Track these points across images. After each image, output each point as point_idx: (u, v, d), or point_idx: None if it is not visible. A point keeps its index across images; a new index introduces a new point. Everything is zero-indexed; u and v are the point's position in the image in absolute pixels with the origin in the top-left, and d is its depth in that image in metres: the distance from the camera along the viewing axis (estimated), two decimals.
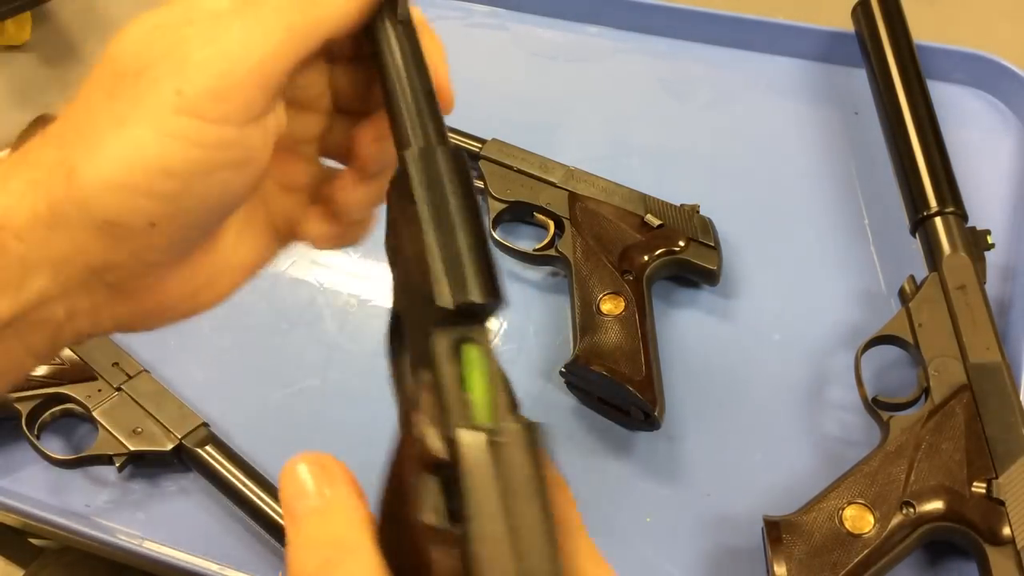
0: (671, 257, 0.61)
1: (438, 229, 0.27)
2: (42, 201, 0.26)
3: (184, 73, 0.26)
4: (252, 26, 0.27)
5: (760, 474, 0.56)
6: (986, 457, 0.50)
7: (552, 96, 0.76)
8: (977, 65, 0.70)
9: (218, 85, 0.26)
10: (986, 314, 0.54)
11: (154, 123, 0.26)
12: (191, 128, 0.26)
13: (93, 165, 0.26)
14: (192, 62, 0.26)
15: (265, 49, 0.27)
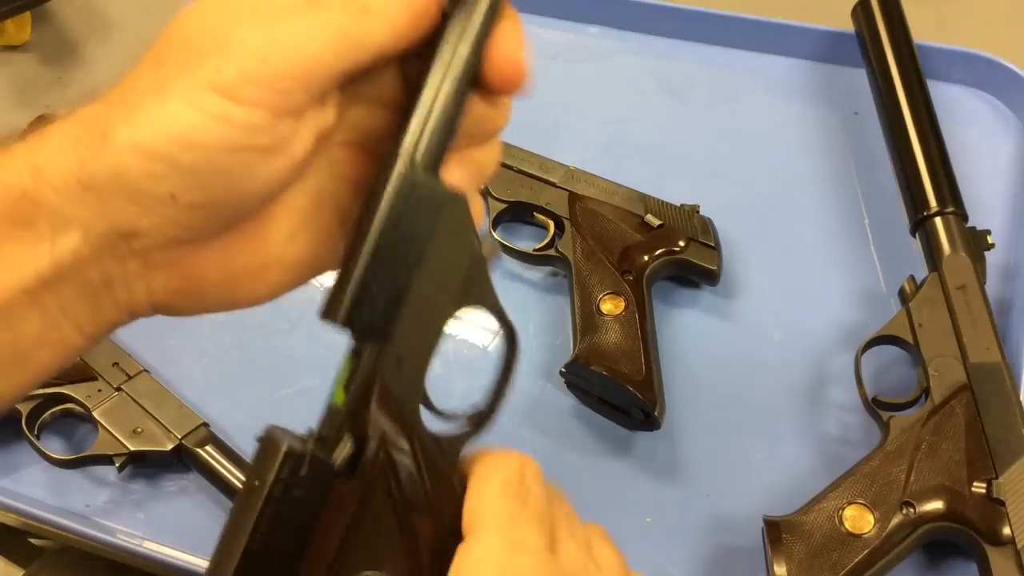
0: (671, 257, 0.61)
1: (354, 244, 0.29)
2: (78, 157, 0.27)
3: (227, 53, 0.26)
4: (306, 24, 0.27)
5: (760, 474, 0.56)
6: (986, 457, 0.50)
7: (552, 96, 0.76)
8: (977, 65, 0.70)
9: (257, 70, 0.26)
10: (986, 314, 0.54)
11: (187, 95, 0.26)
12: (221, 106, 0.26)
13: (125, 128, 0.26)
14: (238, 44, 0.26)
15: (313, 47, 0.27)
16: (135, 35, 0.86)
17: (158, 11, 0.84)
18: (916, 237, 0.60)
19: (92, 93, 0.30)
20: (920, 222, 0.59)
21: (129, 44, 0.85)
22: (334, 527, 0.28)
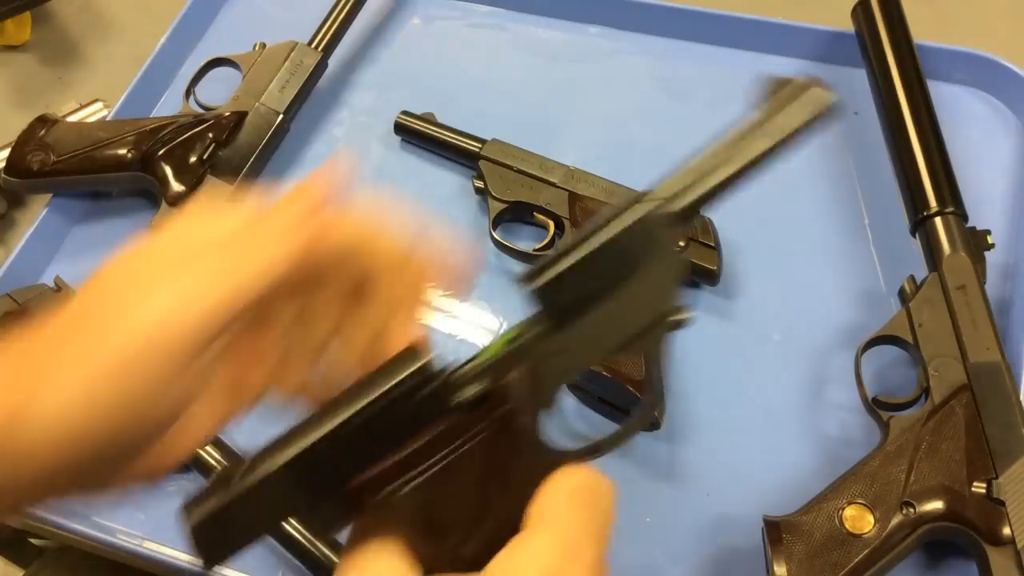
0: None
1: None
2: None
3: (113, 338, 0.28)
4: (183, 287, 0.28)
5: (760, 474, 0.56)
6: (986, 457, 0.50)
7: (552, 96, 0.76)
8: (977, 65, 0.70)
9: (145, 348, 0.28)
10: (986, 314, 0.54)
11: (77, 381, 0.27)
12: (116, 391, 0.27)
13: (30, 416, 0.27)
14: (123, 328, 0.28)
15: (193, 314, 0.28)
16: (135, 35, 0.86)
17: (158, 11, 0.85)
18: (916, 237, 0.60)
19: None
20: (920, 222, 0.59)
21: (129, 44, 0.85)
22: (416, 455, 0.29)
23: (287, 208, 0.31)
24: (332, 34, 0.76)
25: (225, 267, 0.29)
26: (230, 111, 0.72)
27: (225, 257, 0.29)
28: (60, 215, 0.72)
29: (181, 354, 0.28)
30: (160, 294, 0.28)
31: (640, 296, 0.32)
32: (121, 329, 0.28)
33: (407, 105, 0.74)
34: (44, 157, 0.70)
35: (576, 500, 0.31)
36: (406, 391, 0.29)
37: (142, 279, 0.29)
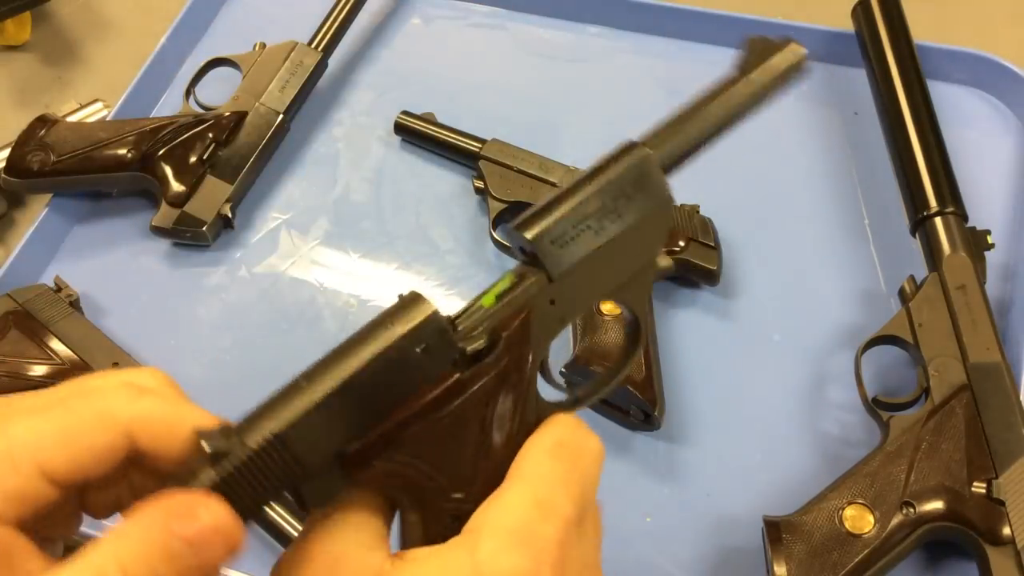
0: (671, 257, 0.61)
1: None
2: None
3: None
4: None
5: (760, 474, 0.56)
6: (986, 457, 0.50)
7: (552, 96, 0.76)
8: (977, 65, 0.70)
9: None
10: (986, 314, 0.54)
11: None
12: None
13: None
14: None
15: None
16: (135, 35, 0.86)
17: (158, 11, 0.85)
18: (916, 237, 0.60)
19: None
20: (920, 222, 0.59)
21: (129, 44, 0.85)
22: (418, 407, 0.28)
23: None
24: (332, 34, 0.76)
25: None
26: (230, 111, 0.72)
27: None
28: (60, 215, 0.72)
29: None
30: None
31: (628, 243, 0.32)
32: None
33: (407, 105, 0.74)
34: (44, 157, 0.70)
35: (556, 454, 0.30)
36: (414, 340, 0.28)
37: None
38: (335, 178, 0.74)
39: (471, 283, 0.67)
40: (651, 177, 0.33)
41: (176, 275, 0.70)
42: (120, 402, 0.28)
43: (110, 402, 0.27)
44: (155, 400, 0.28)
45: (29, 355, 0.61)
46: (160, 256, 0.71)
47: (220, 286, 0.69)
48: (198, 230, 0.69)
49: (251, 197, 0.73)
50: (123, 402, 0.28)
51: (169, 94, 0.80)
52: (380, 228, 0.70)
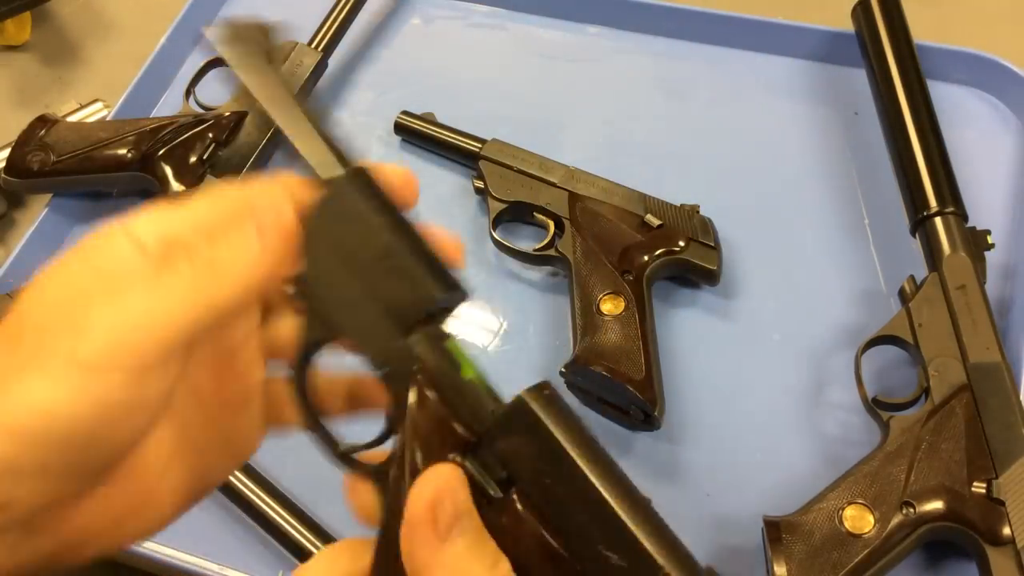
0: (671, 257, 0.61)
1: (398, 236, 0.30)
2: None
3: (81, 332, 0.27)
4: (155, 296, 0.27)
5: (760, 474, 0.56)
6: (986, 457, 0.50)
7: (552, 96, 0.76)
8: (977, 65, 0.70)
9: (112, 346, 0.27)
10: (986, 314, 0.54)
11: (48, 374, 0.26)
12: (81, 380, 0.26)
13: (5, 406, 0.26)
14: (91, 323, 0.27)
15: (164, 318, 0.27)
16: (135, 35, 0.86)
17: (158, 11, 0.85)
18: (916, 237, 0.60)
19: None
20: (920, 222, 0.59)
21: (129, 44, 0.85)
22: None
23: (264, 203, 0.30)
24: (332, 34, 0.76)
25: (201, 279, 0.28)
26: (230, 111, 0.72)
27: (201, 264, 0.28)
28: (60, 215, 0.72)
29: (153, 359, 0.27)
30: (127, 295, 0.27)
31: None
32: (96, 326, 0.26)
33: (407, 105, 0.74)
34: (44, 157, 0.70)
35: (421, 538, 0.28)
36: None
37: (106, 281, 0.27)
38: None
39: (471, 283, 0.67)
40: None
41: None
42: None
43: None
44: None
45: None
46: None
47: None
48: None
49: None
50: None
51: (169, 94, 0.80)
52: None
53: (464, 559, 0.27)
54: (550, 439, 0.27)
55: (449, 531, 0.27)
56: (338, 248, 0.29)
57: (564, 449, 0.27)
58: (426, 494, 0.27)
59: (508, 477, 0.27)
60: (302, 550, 0.55)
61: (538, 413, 0.27)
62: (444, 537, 0.27)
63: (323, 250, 0.29)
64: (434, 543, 0.27)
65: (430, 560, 0.27)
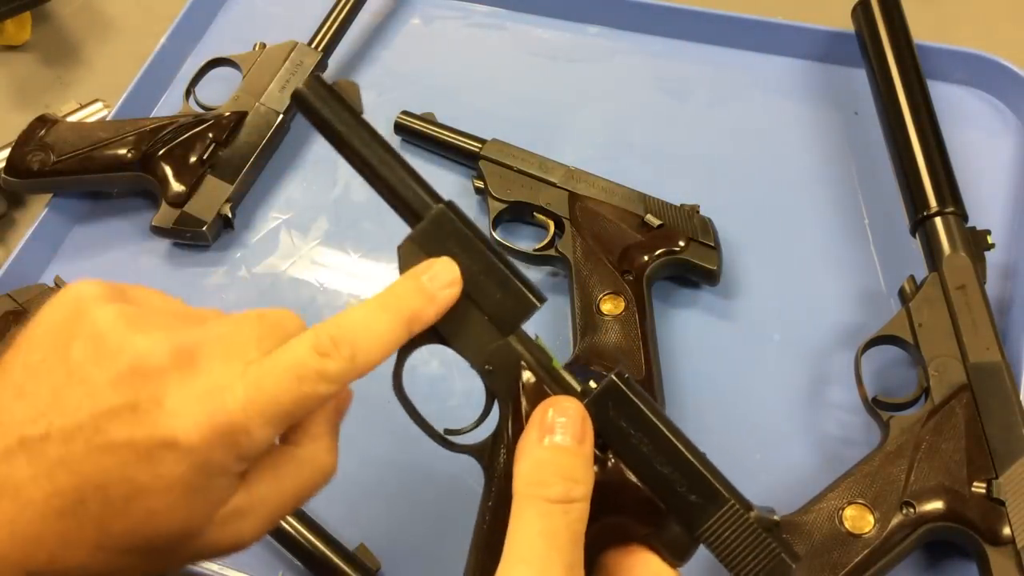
0: (671, 257, 0.61)
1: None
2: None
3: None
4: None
5: (760, 474, 0.56)
6: (986, 457, 0.50)
7: (552, 96, 0.76)
8: (977, 65, 0.70)
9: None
10: (986, 314, 0.54)
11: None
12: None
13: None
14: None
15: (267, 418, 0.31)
16: (135, 35, 0.86)
17: (158, 11, 0.85)
18: (916, 237, 0.60)
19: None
20: (920, 222, 0.59)
21: (129, 44, 0.85)
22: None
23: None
24: (332, 34, 0.76)
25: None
26: (230, 111, 0.72)
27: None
28: (60, 215, 0.72)
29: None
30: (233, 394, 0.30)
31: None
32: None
33: (407, 105, 0.74)
34: (44, 157, 0.70)
35: (546, 532, 0.33)
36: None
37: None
38: (335, 178, 0.74)
39: None
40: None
41: (176, 275, 0.70)
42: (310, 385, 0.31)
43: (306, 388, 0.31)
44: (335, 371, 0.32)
45: None
46: (160, 256, 0.71)
47: (220, 286, 0.69)
48: (198, 230, 0.69)
49: (251, 197, 0.73)
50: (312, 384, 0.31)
51: (169, 94, 0.80)
52: (380, 228, 0.70)
53: (555, 456, 0.33)
54: (637, 409, 0.35)
55: (551, 431, 0.34)
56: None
57: (649, 417, 0.35)
58: (544, 404, 0.35)
59: (603, 443, 0.35)
60: (302, 550, 0.55)
61: (626, 390, 0.35)
62: (544, 436, 0.33)
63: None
64: (536, 440, 0.34)
65: (524, 452, 0.33)
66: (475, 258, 0.35)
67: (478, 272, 0.35)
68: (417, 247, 0.35)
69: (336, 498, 0.58)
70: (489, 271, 0.35)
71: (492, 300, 0.35)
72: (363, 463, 0.58)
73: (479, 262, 0.35)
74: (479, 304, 0.35)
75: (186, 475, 0.29)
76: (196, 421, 0.29)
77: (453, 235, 0.35)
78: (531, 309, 0.36)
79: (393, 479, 0.58)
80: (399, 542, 0.56)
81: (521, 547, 0.32)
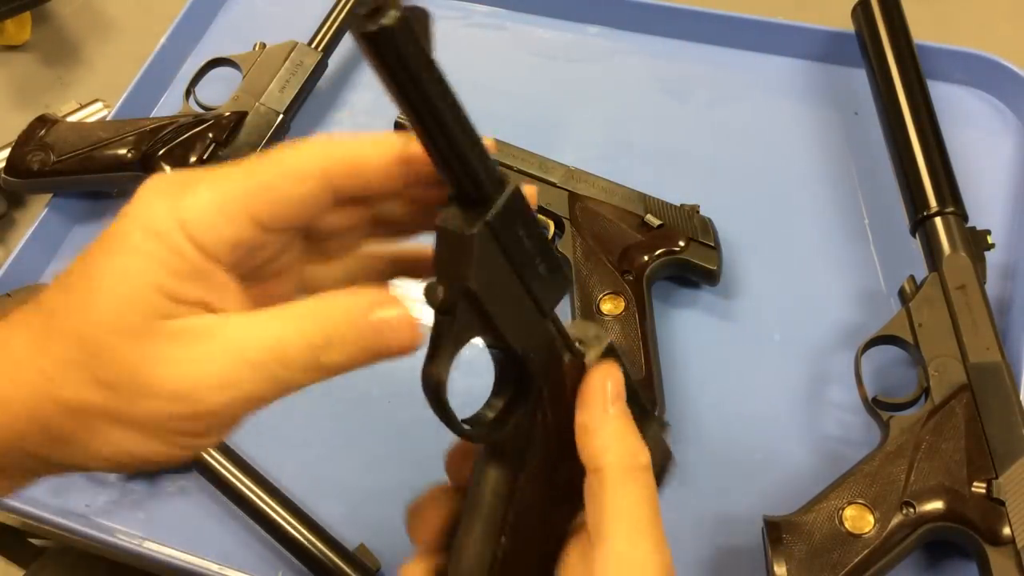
0: (671, 257, 0.61)
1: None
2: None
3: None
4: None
5: (760, 474, 0.56)
6: (986, 457, 0.50)
7: (552, 96, 0.76)
8: (977, 65, 0.70)
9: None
10: (986, 314, 0.54)
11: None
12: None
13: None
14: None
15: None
16: (135, 35, 0.86)
17: (158, 11, 0.85)
18: (916, 237, 0.60)
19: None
20: (920, 222, 0.59)
21: (129, 44, 0.85)
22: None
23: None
24: (332, 34, 0.76)
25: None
26: (230, 111, 0.72)
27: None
28: (60, 215, 0.72)
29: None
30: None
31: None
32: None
33: None
34: (44, 157, 0.70)
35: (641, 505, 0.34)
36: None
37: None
38: None
39: None
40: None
41: None
42: (311, 152, 0.30)
43: (302, 154, 0.30)
44: (343, 142, 0.30)
45: None
46: None
47: None
48: None
49: None
50: (315, 151, 0.30)
51: (169, 94, 0.80)
52: None
53: (625, 424, 0.34)
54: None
55: (614, 402, 0.34)
56: (504, 255, 0.31)
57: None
58: (599, 376, 0.35)
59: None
60: (302, 550, 0.55)
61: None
62: (608, 408, 0.34)
63: (492, 257, 0.31)
64: (603, 410, 0.34)
65: (599, 425, 0.34)
66: (535, 237, 0.32)
67: (534, 252, 0.32)
68: (488, 232, 0.30)
69: (336, 498, 0.58)
70: (544, 251, 0.33)
71: (538, 281, 0.33)
72: (363, 463, 0.58)
73: (539, 241, 0.32)
74: (527, 285, 0.33)
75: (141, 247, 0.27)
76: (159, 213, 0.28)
77: (522, 214, 0.31)
78: (566, 288, 0.35)
79: (393, 479, 0.58)
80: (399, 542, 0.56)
81: (637, 525, 0.32)
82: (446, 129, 0.27)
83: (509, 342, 0.33)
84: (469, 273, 0.29)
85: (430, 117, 0.27)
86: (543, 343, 0.35)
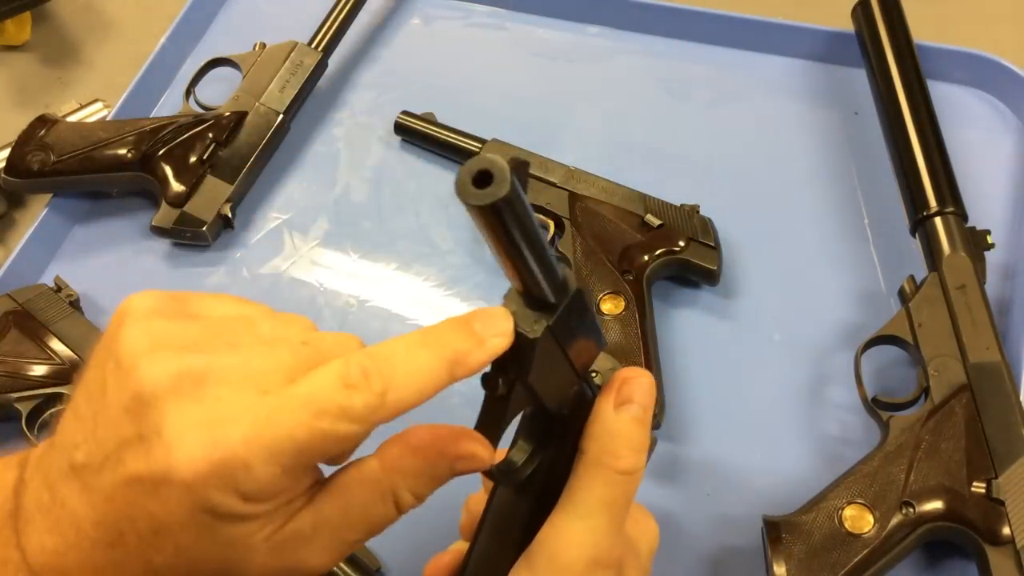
0: (671, 257, 0.61)
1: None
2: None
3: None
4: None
5: (760, 474, 0.56)
6: (986, 457, 0.50)
7: (552, 96, 0.76)
8: (977, 65, 0.70)
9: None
10: (986, 314, 0.54)
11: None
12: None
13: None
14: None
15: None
16: (135, 35, 0.86)
17: (158, 11, 0.85)
18: (916, 237, 0.60)
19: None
20: (920, 222, 0.59)
21: (129, 44, 0.85)
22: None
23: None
24: (332, 34, 0.76)
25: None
26: (230, 111, 0.72)
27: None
28: (60, 215, 0.72)
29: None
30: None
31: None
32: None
33: (407, 105, 0.74)
34: (44, 157, 0.70)
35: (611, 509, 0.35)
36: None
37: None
38: (335, 178, 0.74)
39: (471, 283, 0.67)
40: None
41: (176, 275, 0.70)
42: (329, 420, 0.28)
43: (323, 421, 0.28)
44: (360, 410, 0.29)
45: (29, 355, 0.61)
46: (160, 256, 0.71)
47: (220, 286, 0.69)
48: (198, 230, 0.69)
49: (251, 197, 0.73)
50: (332, 420, 0.28)
51: (169, 94, 0.80)
52: (380, 228, 0.70)
53: (627, 427, 0.34)
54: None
55: (626, 401, 0.34)
56: (559, 346, 0.32)
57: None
58: (620, 375, 0.35)
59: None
60: None
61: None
62: (620, 405, 0.34)
63: (550, 351, 0.32)
64: (612, 408, 0.34)
65: (604, 416, 0.34)
66: (587, 322, 0.33)
67: (586, 332, 0.33)
68: (550, 334, 0.31)
69: None
70: (592, 329, 0.34)
71: (579, 346, 0.33)
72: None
73: (591, 322, 0.33)
74: (572, 362, 0.33)
75: (192, 512, 0.27)
76: (191, 454, 0.26)
77: (579, 312, 0.32)
78: (601, 349, 0.36)
79: None
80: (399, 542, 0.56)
81: (581, 506, 0.33)
82: (526, 258, 0.28)
83: (547, 406, 0.34)
84: (529, 369, 0.31)
85: (516, 252, 0.27)
86: (574, 396, 0.35)
